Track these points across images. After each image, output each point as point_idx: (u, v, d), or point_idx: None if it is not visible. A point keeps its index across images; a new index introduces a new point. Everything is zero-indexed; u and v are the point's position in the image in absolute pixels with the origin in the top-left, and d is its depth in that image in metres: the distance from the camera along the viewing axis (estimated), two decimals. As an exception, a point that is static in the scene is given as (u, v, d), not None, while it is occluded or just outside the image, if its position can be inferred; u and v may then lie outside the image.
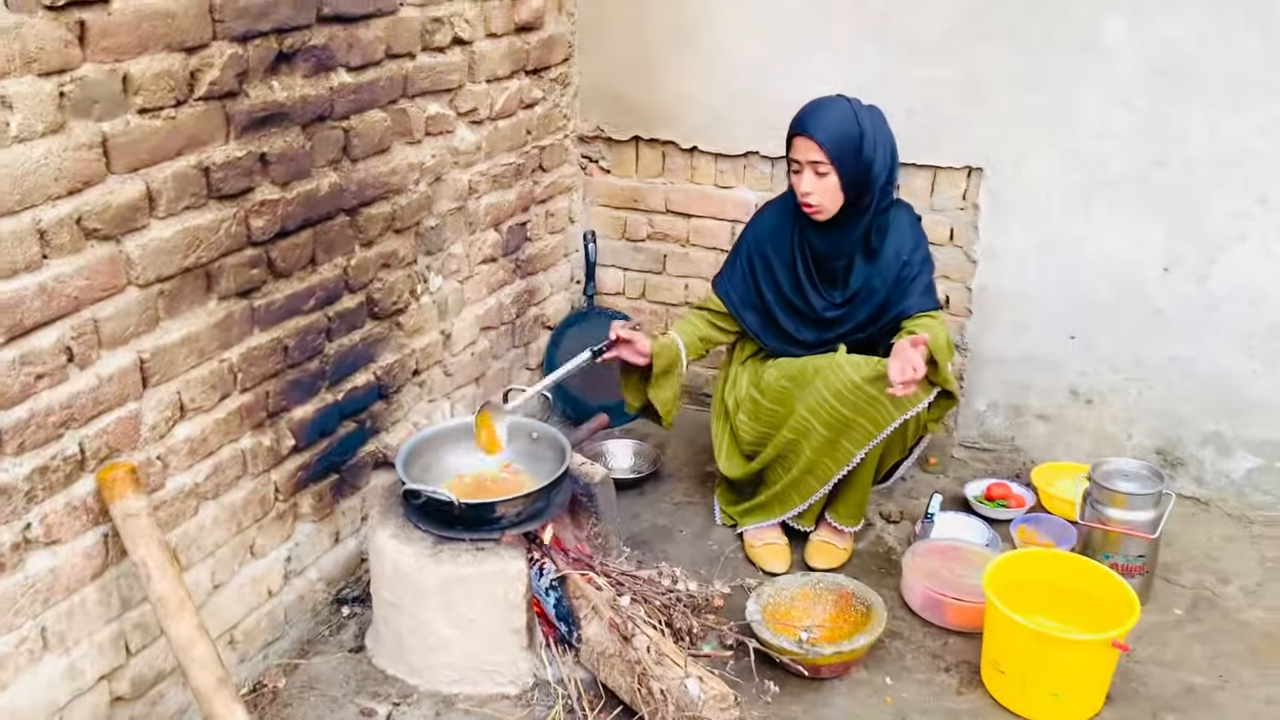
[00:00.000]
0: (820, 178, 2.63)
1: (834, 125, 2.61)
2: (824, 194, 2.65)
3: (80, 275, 1.87)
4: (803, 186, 2.65)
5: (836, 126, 2.61)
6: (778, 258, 2.84)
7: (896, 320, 2.73)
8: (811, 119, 2.63)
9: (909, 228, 2.77)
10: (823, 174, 2.62)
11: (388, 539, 2.42)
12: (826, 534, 2.91)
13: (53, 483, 1.88)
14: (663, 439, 3.54)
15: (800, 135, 2.63)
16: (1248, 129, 2.84)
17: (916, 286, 2.73)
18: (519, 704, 2.39)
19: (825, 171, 2.62)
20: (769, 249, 2.85)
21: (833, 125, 2.61)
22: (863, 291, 2.78)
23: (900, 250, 2.73)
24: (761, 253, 2.86)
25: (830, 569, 2.82)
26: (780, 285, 2.85)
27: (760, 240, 2.87)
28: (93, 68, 1.83)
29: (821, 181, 2.63)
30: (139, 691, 2.14)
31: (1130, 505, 2.65)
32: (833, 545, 2.89)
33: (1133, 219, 3.02)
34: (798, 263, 2.82)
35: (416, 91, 2.68)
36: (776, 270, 2.84)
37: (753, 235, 2.90)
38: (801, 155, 2.63)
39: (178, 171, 2.02)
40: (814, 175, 2.63)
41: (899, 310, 2.73)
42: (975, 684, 2.45)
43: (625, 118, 3.49)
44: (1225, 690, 2.44)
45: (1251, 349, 3.00)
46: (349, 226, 2.52)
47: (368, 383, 2.68)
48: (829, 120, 2.62)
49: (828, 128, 2.60)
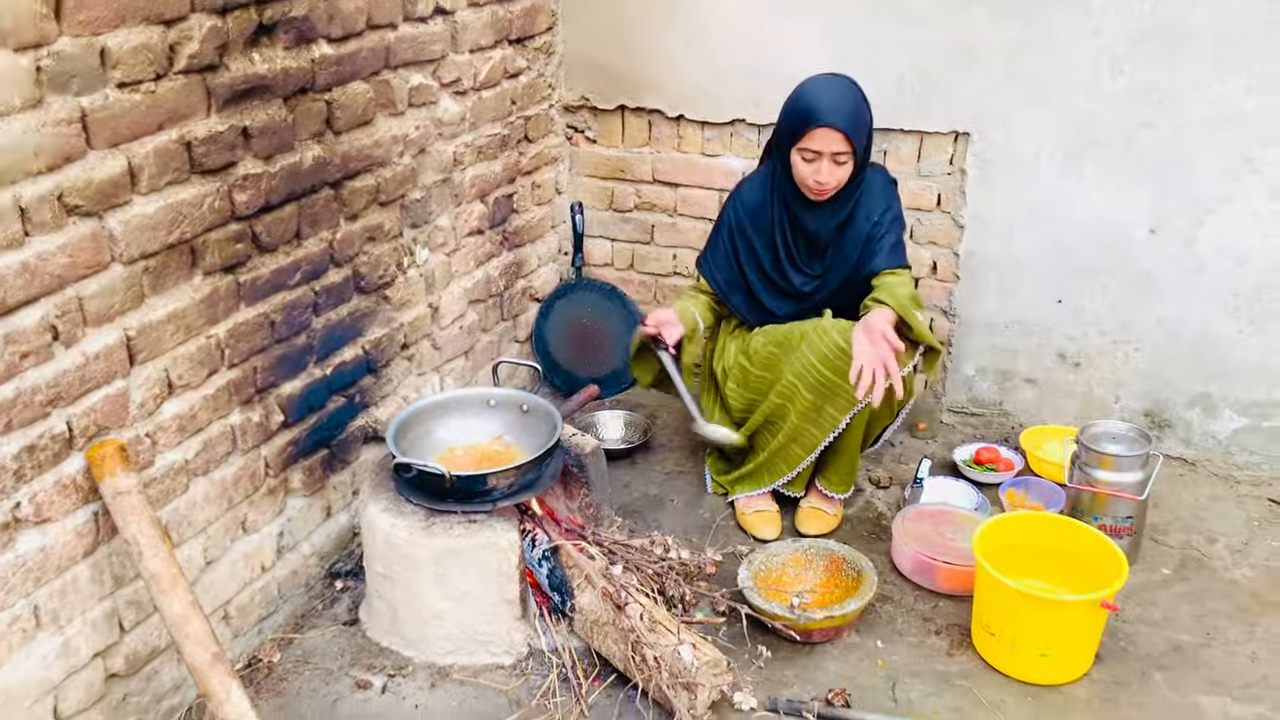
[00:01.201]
0: (839, 166, 2.61)
1: (852, 112, 2.58)
2: (839, 179, 2.64)
3: (63, 253, 1.85)
4: (821, 176, 2.61)
5: (854, 113, 2.59)
6: (759, 237, 2.83)
7: (866, 280, 2.75)
8: (829, 108, 2.56)
9: (880, 190, 2.76)
10: (842, 163, 2.61)
11: (379, 513, 2.43)
12: (816, 500, 2.93)
13: (41, 461, 1.87)
14: (653, 409, 3.54)
15: (823, 127, 2.57)
16: (1235, 90, 2.83)
17: (884, 245, 2.74)
18: (514, 673, 2.40)
19: (845, 160, 2.60)
20: (750, 229, 2.84)
21: (851, 112, 2.58)
22: (837, 259, 2.79)
23: (871, 213, 2.74)
24: (743, 232, 2.85)
25: (820, 535, 2.84)
26: (762, 263, 2.84)
27: (741, 220, 2.85)
28: (69, 41, 1.80)
29: (839, 169, 2.62)
30: (134, 668, 2.14)
31: (1118, 467, 2.67)
32: (823, 511, 2.90)
33: (1120, 182, 3.02)
34: (778, 242, 2.81)
35: (399, 62, 2.65)
36: (758, 249, 2.84)
37: (733, 214, 2.87)
38: (823, 146, 2.58)
39: (159, 146, 2.00)
40: (833, 164, 2.60)
41: (868, 270, 2.74)
42: (966, 646, 2.47)
43: (610, 86, 3.46)
44: (1212, 647, 2.47)
45: (1238, 310, 3.01)
46: (333, 200, 2.50)
47: (356, 357, 2.67)
48: (846, 107, 2.58)
49: (848, 115, 2.57)
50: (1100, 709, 2.29)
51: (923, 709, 2.29)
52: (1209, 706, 2.29)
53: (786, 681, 2.37)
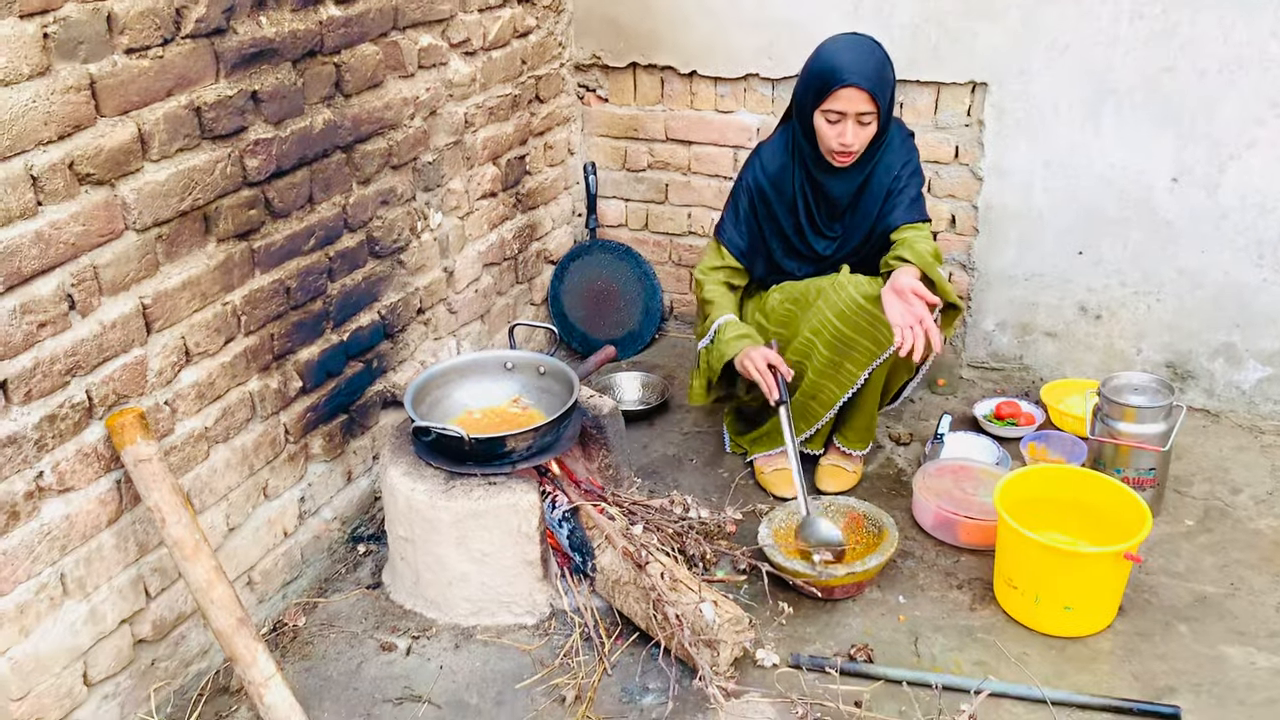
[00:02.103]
0: (863, 127, 2.56)
1: (876, 72, 2.53)
2: (863, 141, 2.59)
3: (76, 221, 1.85)
4: (845, 138, 2.56)
5: (878, 73, 2.54)
6: (780, 202, 2.78)
7: (885, 235, 2.71)
8: (855, 68, 2.51)
9: (899, 144, 2.71)
10: (866, 124, 2.56)
11: (400, 476, 2.43)
12: (835, 458, 2.92)
13: (62, 430, 1.88)
14: (671, 369, 3.53)
15: (847, 87, 2.51)
16: (1260, 32, 2.77)
17: (903, 199, 2.68)
18: (536, 633, 2.42)
19: (870, 121, 2.55)
20: (771, 194, 2.77)
21: (875, 72, 2.53)
22: (856, 218, 2.75)
23: (891, 166, 2.69)
24: (763, 198, 2.78)
25: (840, 492, 2.83)
26: (783, 228, 2.80)
27: (762, 185, 2.78)
28: (75, 7, 1.79)
29: (864, 130, 2.57)
30: (160, 634, 2.17)
31: (1140, 419, 2.64)
32: (842, 468, 2.89)
33: (1141, 130, 2.96)
34: (799, 207, 2.76)
35: (407, 23, 2.62)
36: (779, 215, 2.78)
37: (752, 179, 2.79)
38: (848, 107, 2.53)
39: (169, 112, 1.99)
40: (858, 125, 2.56)
41: (885, 225, 2.70)
42: (988, 600, 2.47)
43: (621, 44, 3.42)
44: (1236, 598, 2.46)
45: (1262, 258, 2.96)
46: (345, 164, 2.49)
47: (372, 322, 2.67)
48: (870, 66, 2.53)
49: (872, 75, 2.52)
50: (1124, 661, 2.28)
51: (945, 663, 2.29)
52: (1234, 656, 2.29)
53: (808, 638, 2.37)
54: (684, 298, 3.75)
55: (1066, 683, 2.23)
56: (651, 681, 2.26)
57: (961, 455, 2.93)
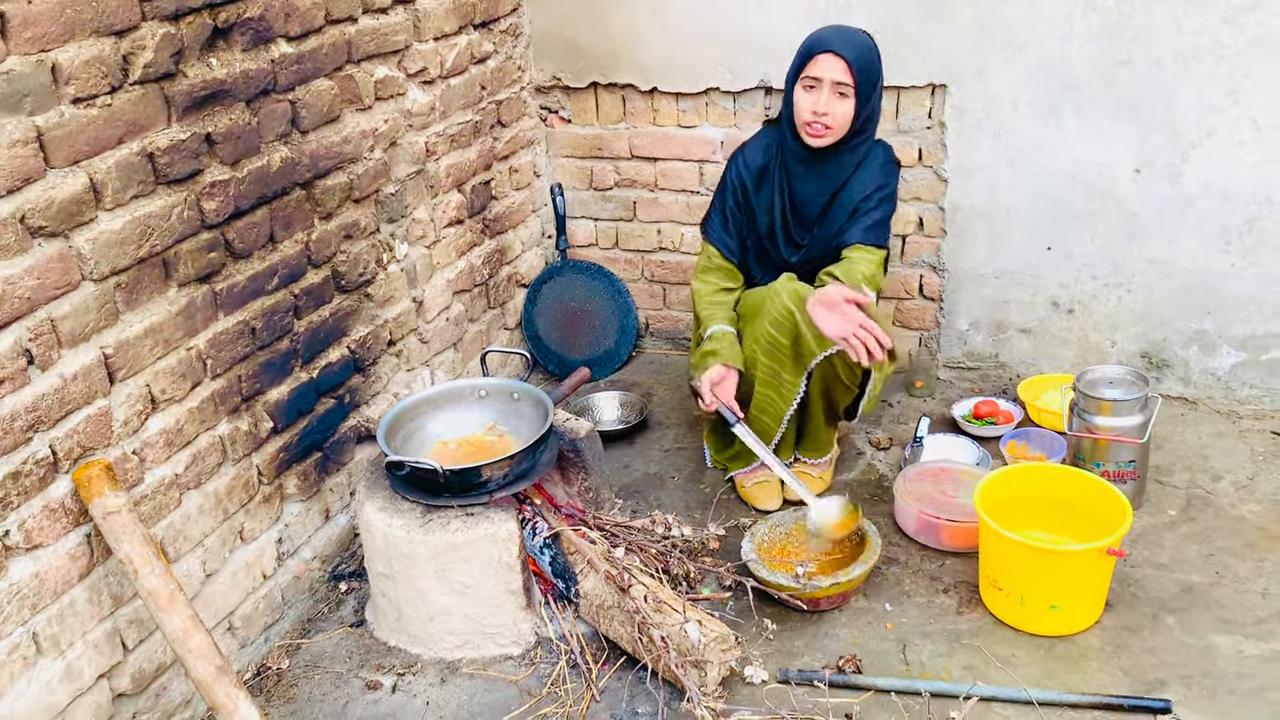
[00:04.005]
0: (840, 99, 2.57)
1: (860, 47, 2.57)
2: (837, 117, 2.58)
3: (30, 275, 1.82)
4: (820, 105, 2.57)
5: (862, 49, 2.57)
6: (758, 200, 2.78)
7: (839, 250, 2.69)
8: (839, 38, 2.57)
9: (879, 166, 2.71)
10: (843, 95, 2.56)
11: (376, 512, 2.41)
12: (800, 466, 2.91)
13: (27, 487, 1.85)
14: (649, 386, 3.52)
15: (827, 52, 2.54)
16: (1212, 20, 2.78)
17: (865, 220, 2.67)
18: (523, 663, 2.39)
19: (846, 93, 2.56)
20: (752, 190, 2.77)
21: (859, 47, 2.56)
22: (823, 228, 2.74)
23: (865, 186, 2.68)
24: (745, 195, 2.78)
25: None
26: (758, 227, 2.80)
27: (744, 180, 2.78)
28: (18, 60, 1.77)
29: (840, 104, 2.57)
30: (140, 686, 2.13)
31: (1117, 411, 2.64)
32: (808, 475, 2.89)
33: (1102, 123, 2.97)
34: (774, 208, 2.76)
35: (362, 56, 2.61)
36: (757, 212, 2.78)
37: (735, 176, 2.79)
38: (825, 73, 2.54)
39: (121, 160, 1.97)
40: (835, 95, 2.56)
41: (840, 240, 2.69)
42: (975, 603, 2.46)
43: (581, 64, 3.42)
44: (1222, 586, 2.45)
45: (1229, 244, 2.97)
46: (306, 200, 2.47)
47: (342, 357, 2.65)
48: (855, 42, 2.57)
49: (855, 48, 2.55)
50: (1113, 656, 2.28)
51: (934, 669, 2.28)
52: (1223, 645, 2.28)
53: (796, 652, 2.36)
54: (659, 314, 3.74)
55: (1056, 682, 2.22)
56: (640, 705, 2.24)
57: (941, 457, 2.92)
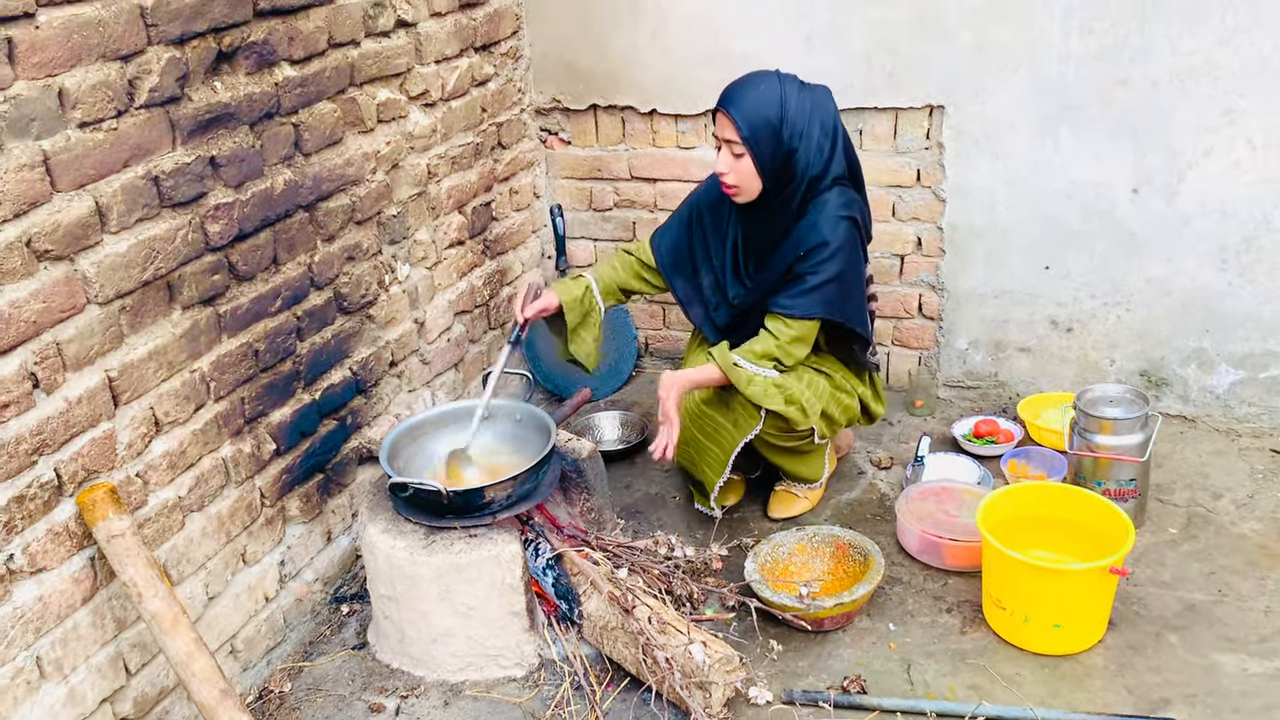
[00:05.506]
0: (736, 159, 2.48)
1: (752, 105, 2.42)
2: (739, 176, 2.48)
3: (36, 298, 1.83)
4: (719, 165, 2.52)
5: (754, 107, 2.42)
6: (714, 230, 2.73)
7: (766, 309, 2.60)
8: (733, 94, 2.46)
9: (825, 219, 2.48)
10: (738, 155, 2.47)
11: (379, 534, 2.41)
12: (787, 484, 2.92)
13: (31, 511, 1.85)
14: (649, 406, 3.52)
15: (719, 110, 2.48)
16: (1206, 41, 2.81)
17: (799, 285, 2.50)
18: (526, 685, 2.39)
19: (740, 153, 2.46)
20: (708, 217, 2.73)
21: (751, 105, 2.43)
22: (764, 274, 2.63)
23: (805, 240, 2.50)
24: (701, 220, 2.75)
25: (792, 517, 2.86)
26: (711, 257, 2.74)
27: (702, 207, 2.75)
28: (25, 85, 1.78)
29: (737, 163, 2.48)
30: (143, 710, 2.13)
31: (1117, 430, 2.65)
32: (792, 493, 2.90)
33: (1099, 143, 3.00)
34: (727, 240, 2.71)
35: (364, 79, 2.63)
36: (711, 242, 2.74)
37: (696, 200, 2.77)
38: (720, 131, 2.49)
39: (126, 184, 1.98)
40: (730, 155, 2.48)
41: (766, 302, 2.58)
42: (978, 622, 2.46)
43: (581, 86, 3.44)
44: (1225, 604, 2.45)
45: (1226, 263, 2.99)
46: (309, 223, 2.48)
47: (344, 379, 2.65)
48: (749, 99, 2.44)
49: (745, 107, 2.43)
50: (1117, 675, 2.28)
51: (939, 689, 2.27)
52: (1226, 664, 2.28)
53: (801, 672, 2.35)
54: (659, 334, 3.75)
55: (1061, 701, 2.22)
56: (645, 727, 2.23)
57: (943, 476, 2.93)
